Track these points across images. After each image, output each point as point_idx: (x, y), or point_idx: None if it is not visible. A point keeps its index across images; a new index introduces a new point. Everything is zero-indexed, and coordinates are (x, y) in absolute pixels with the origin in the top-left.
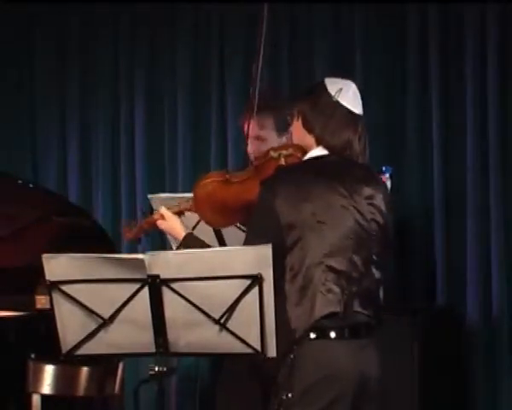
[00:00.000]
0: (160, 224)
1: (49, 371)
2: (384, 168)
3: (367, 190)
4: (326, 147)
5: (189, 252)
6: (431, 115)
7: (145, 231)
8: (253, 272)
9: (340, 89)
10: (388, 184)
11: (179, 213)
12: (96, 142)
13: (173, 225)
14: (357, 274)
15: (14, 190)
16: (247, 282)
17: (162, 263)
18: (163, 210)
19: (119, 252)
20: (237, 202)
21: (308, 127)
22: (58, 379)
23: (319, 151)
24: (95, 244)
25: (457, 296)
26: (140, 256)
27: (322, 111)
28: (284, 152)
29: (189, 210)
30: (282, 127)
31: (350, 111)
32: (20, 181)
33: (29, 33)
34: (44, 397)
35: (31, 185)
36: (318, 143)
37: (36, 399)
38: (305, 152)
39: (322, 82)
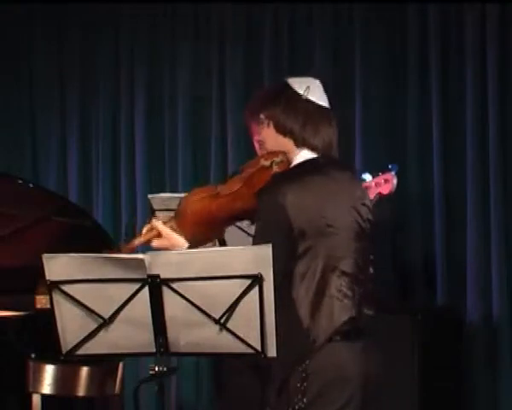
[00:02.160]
0: (158, 243)
1: (49, 371)
2: (390, 166)
3: (359, 190)
4: (308, 146)
5: (189, 252)
6: (431, 115)
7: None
8: (253, 272)
9: (308, 86)
10: (395, 181)
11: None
12: (96, 142)
13: (173, 244)
14: (362, 276)
15: (14, 190)
16: (248, 282)
17: (162, 263)
18: (160, 226)
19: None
20: (227, 215)
21: (283, 130)
22: (58, 379)
23: (307, 154)
24: (95, 244)
25: (457, 296)
26: (140, 256)
27: (296, 111)
28: (276, 160)
29: (172, 229)
30: None
31: (321, 106)
32: (20, 181)
33: (29, 33)
34: (44, 397)
35: (31, 185)
36: (298, 144)
37: (36, 399)
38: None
39: (287, 83)
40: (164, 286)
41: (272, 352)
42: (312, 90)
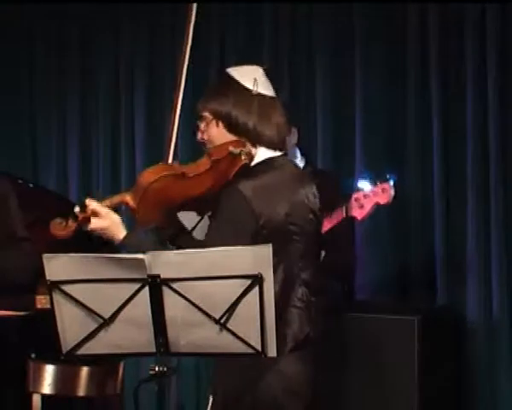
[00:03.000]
0: (92, 223)
1: (49, 371)
2: (388, 176)
3: (314, 190)
4: (263, 143)
5: (189, 252)
6: (431, 115)
7: (77, 229)
8: (254, 271)
9: (255, 78)
10: (392, 192)
11: (112, 209)
12: (96, 142)
13: (111, 224)
14: (317, 284)
15: (15, 190)
16: (248, 282)
17: (162, 263)
18: (94, 205)
19: (120, 252)
20: (186, 198)
21: (236, 130)
22: (58, 379)
23: (265, 152)
24: (95, 244)
25: (457, 296)
26: (140, 256)
27: (248, 109)
28: (244, 150)
29: (124, 204)
30: None
31: (271, 98)
32: (20, 181)
33: (29, 33)
34: (44, 397)
35: (31, 185)
36: (252, 141)
37: (36, 399)
38: None
39: (232, 77)
40: (164, 286)
41: (272, 352)
42: (259, 81)
